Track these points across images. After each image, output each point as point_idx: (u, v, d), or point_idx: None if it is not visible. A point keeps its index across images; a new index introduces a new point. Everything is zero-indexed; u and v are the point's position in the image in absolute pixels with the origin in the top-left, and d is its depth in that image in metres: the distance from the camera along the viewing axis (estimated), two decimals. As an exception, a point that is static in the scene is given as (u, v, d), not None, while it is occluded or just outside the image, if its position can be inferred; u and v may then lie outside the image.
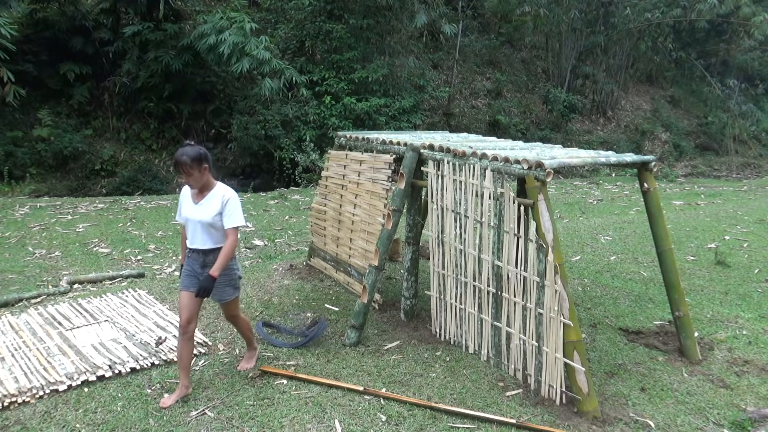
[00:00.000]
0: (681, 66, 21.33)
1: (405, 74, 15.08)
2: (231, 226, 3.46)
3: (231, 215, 3.46)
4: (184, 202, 3.56)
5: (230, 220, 3.46)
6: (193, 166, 3.33)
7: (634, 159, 4.23)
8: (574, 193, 12.96)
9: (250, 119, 12.71)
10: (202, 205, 3.47)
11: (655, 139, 19.53)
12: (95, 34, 12.62)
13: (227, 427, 3.27)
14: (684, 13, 17.57)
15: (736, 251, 7.64)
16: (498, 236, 3.95)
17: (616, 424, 3.44)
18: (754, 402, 3.77)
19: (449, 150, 4.31)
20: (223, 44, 11.33)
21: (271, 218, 9.20)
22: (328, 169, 5.95)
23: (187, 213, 3.51)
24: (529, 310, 3.78)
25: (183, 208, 3.56)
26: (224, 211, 3.46)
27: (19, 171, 11.28)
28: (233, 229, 3.47)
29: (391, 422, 3.36)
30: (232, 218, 3.46)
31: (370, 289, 4.50)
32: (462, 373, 4.00)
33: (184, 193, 3.57)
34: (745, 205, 11.54)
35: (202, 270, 3.51)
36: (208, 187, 3.50)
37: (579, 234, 8.43)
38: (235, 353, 4.17)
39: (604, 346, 4.53)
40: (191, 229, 3.50)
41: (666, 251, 4.37)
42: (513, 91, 18.65)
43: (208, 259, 3.51)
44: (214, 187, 3.52)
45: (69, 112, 12.57)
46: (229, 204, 3.46)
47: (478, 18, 19.35)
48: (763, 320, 5.19)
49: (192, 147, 3.37)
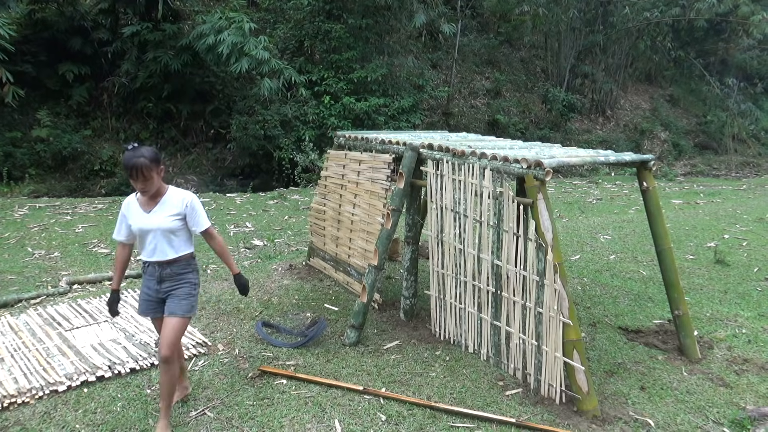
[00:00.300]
0: (680, 65, 21.34)
1: (404, 74, 15.08)
2: (204, 228, 3.21)
3: (200, 217, 3.19)
4: (131, 213, 3.16)
5: (201, 223, 3.20)
6: (153, 168, 2.99)
7: (633, 158, 4.23)
8: (574, 192, 12.96)
9: (249, 119, 12.71)
10: (156, 213, 3.12)
11: (654, 138, 19.54)
12: (94, 35, 12.61)
13: (227, 427, 3.27)
14: (683, 12, 17.58)
15: (735, 250, 7.64)
16: (497, 235, 3.95)
17: (616, 422, 3.44)
18: (754, 400, 3.77)
19: (448, 149, 4.31)
20: (222, 44, 11.32)
21: (271, 218, 9.20)
22: (328, 168, 5.95)
23: (139, 224, 3.12)
24: (528, 310, 3.78)
25: (132, 220, 3.14)
26: (190, 214, 3.17)
27: (18, 172, 11.27)
28: (210, 228, 3.24)
29: (391, 422, 3.36)
30: (201, 221, 3.20)
31: (369, 288, 4.50)
32: (462, 373, 4.00)
33: (129, 205, 3.18)
34: (744, 204, 11.55)
35: (159, 286, 3.18)
36: (160, 192, 3.15)
37: (578, 233, 8.43)
38: (235, 353, 4.17)
39: (603, 345, 4.53)
40: (146, 242, 3.14)
41: (665, 250, 4.37)
42: (512, 91, 18.65)
43: (165, 272, 3.17)
44: (167, 191, 3.18)
45: (68, 112, 12.56)
46: (194, 206, 3.17)
47: (476, 17, 19.35)
48: (762, 319, 5.20)
49: (146, 147, 3.03)
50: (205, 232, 3.22)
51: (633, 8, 17.61)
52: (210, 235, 3.24)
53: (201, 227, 3.20)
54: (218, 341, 4.37)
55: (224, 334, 4.50)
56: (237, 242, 7.50)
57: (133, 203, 3.18)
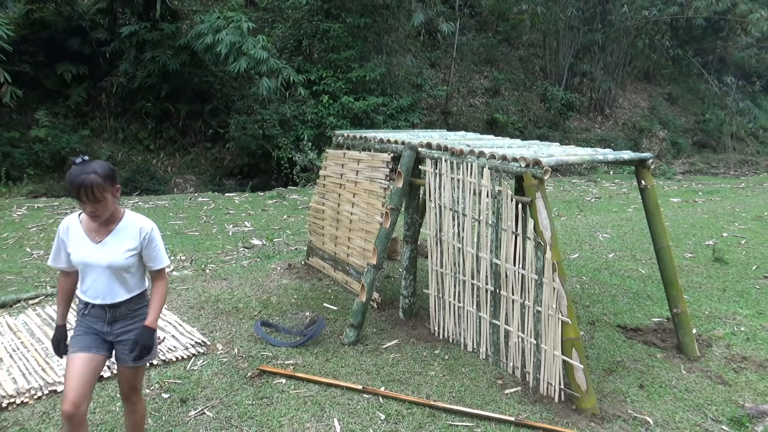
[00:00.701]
0: (678, 63, 21.36)
1: (402, 73, 15.08)
2: (161, 266, 2.66)
3: (159, 253, 2.64)
4: (72, 240, 2.55)
5: (159, 259, 2.64)
6: (106, 187, 2.40)
7: (632, 156, 4.24)
8: (572, 190, 12.97)
9: (247, 119, 12.70)
10: (108, 244, 2.53)
11: (652, 137, 19.55)
12: (92, 35, 12.60)
13: (226, 426, 3.27)
14: (681, 10, 17.59)
15: (733, 248, 7.65)
16: (496, 234, 3.96)
17: (615, 421, 3.45)
18: (752, 398, 3.77)
19: (447, 148, 4.31)
20: (220, 44, 11.32)
21: (270, 218, 9.20)
22: (326, 168, 5.95)
23: (84, 256, 2.52)
24: (527, 308, 3.78)
25: (73, 249, 2.54)
26: (147, 248, 2.59)
27: (17, 172, 11.25)
28: (163, 269, 2.68)
29: (390, 421, 3.37)
30: (160, 257, 2.65)
31: (368, 287, 4.50)
32: (461, 372, 4.00)
33: (69, 229, 2.57)
34: (743, 202, 11.57)
35: (109, 328, 2.61)
36: (115, 217, 2.55)
37: (577, 232, 8.44)
38: (234, 352, 4.17)
39: (602, 344, 4.54)
40: (91, 278, 2.55)
41: (664, 248, 4.37)
42: (511, 90, 18.65)
43: (118, 313, 2.61)
44: (123, 216, 2.58)
45: (66, 112, 12.55)
46: (153, 238, 2.60)
47: (475, 16, 19.35)
48: (760, 317, 5.21)
49: (98, 162, 2.45)
50: (157, 270, 2.67)
51: (631, 7, 17.63)
52: (159, 277, 2.67)
53: (159, 264, 2.65)
54: (217, 341, 4.36)
55: (223, 333, 4.50)
56: (236, 242, 7.50)
57: (75, 227, 2.57)
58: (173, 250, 7.05)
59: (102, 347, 2.62)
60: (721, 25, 19.53)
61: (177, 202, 10.21)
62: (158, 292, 2.65)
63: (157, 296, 2.64)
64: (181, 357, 4.05)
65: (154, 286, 2.67)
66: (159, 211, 9.38)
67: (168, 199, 10.61)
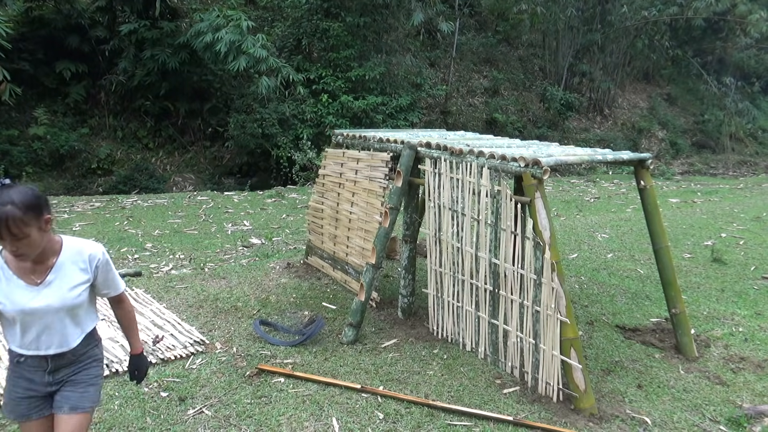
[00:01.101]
0: (677, 64, 21.37)
1: (402, 72, 15.07)
2: (121, 290, 2.36)
3: (115, 276, 2.32)
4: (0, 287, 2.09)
5: (117, 283, 2.33)
6: (28, 220, 1.95)
7: (631, 157, 4.24)
8: (571, 190, 12.98)
9: (247, 117, 12.69)
10: (52, 284, 2.11)
11: (651, 137, 19.57)
12: (91, 33, 12.57)
13: (224, 425, 3.27)
14: (680, 10, 17.60)
15: (732, 248, 7.66)
16: (495, 234, 3.96)
17: (613, 421, 3.45)
18: (750, 398, 3.78)
19: (446, 148, 4.31)
20: (219, 42, 11.30)
21: (269, 216, 9.19)
22: (326, 167, 5.95)
23: (23, 304, 2.08)
24: (526, 308, 3.78)
25: (3, 298, 2.08)
26: (102, 276, 2.24)
27: (16, 170, 11.23)
28: (123, 292, 2.38)
29: (389, 420, 3.37)
30: (117, 281, 2.34)
31: (367, 287, 4.50)
32: (459, 371, 4.00)
33: None
34: (742, 203, 11.58)
35: (51, 377, 2.20)
36: (53, 251, 2.13)
37: (576, 232, 8.44)
38: (233, 351, 4.17)
39: (600, 344, 4.54)
40: (35, 330, 2.12)
41: (663, 249, 4.38)
42: (510, 89, 18.65)
43: (63, 360, 2.21)
44: (62, 247, 2.16)
45: (65, 110, 12.53)
46: (108, 264, 2.26)
47: (475, 16, 19.34)
48: (759, 317, 5.22)
49: (18, 189, 1.97)
50: (117, 296, 2.36)
51: (631, 7, 17.63)
52: (121, 300, 2.39)
53: (119, 289, 2.34)
54: (216, 339, 4.36)
55: (222, 332, 4.50)
56: (235, 241, 7.50)
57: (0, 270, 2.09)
58: (172, 249, 7.04)
59: (46, 406, 2.22)
60: (720, 25, 19.54)
61: (176, 201, 10.21)
62: (128, 316, 2.41)
63: (131, 321, 2.42)
64: (179, 356, 4.05)
65: (121, 311, 2.40)
66: (158, 210, 9.37)
67: (167, 197, 10.60)
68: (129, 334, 2.45)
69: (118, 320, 2.43)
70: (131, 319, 2.43)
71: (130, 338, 2.45)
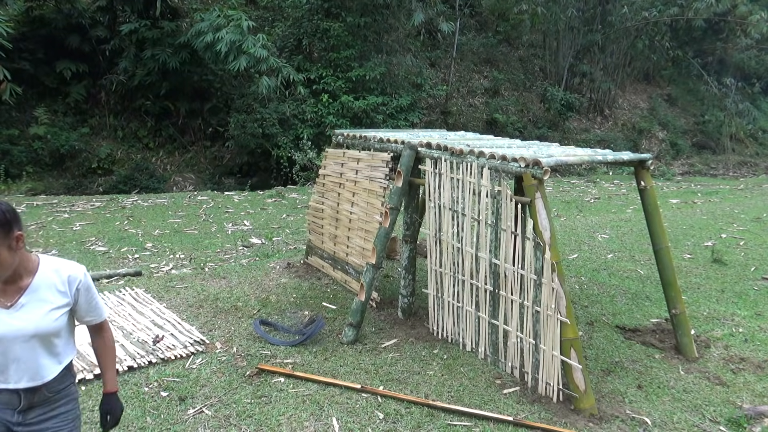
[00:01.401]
0: (678, 64, 21.36)
1: (402, 72, 15.06)
2: (103, 318, 2.18)
3: (98, 302, 2.15)
4: None
5: (99, 309, 2.16)
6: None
7: (631, 157, 4.24)
8: (572, 191, 12.98)
9: (247, 117, 12.68)
10: (25, 307, 1.92)
11: (652, 138, 19.56)
12: (92, 32, 12.58)
13: (224, 425, 3.27)
14: (681, 11, 17.59)
15: (732, 249, 7.66)
16: (495, 234, 3.96)
17: (613, 421, 3.45)
18: (750, 399, 3.78)
19: (447, 148, 4.31)
20: (220, 42, 11.30)
21: (269, 216, 9.19)
22: (326, 167, 5.95)
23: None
24: (526, 308, 3.79)
25: None
26: (83, 300, 2.06)
27: (16, 169, 11.24)
28: (105, 320, 2.20)
29: (389, 420, 3.37)
30: (99, 306, 2.16)
31: (367, 287, 4.50)
32: (459, 371, 4.00)
33: None
34: (742, 204, 11.58)
35: (21, 417, 1.98)
36: (27, 270, 1.94)
37: (576, 232, 8.44)
38: (233, 351, 4.17)
39: (600, 344, 4.54)
40: (5, 359, 1.92)
41: (663, 249, 4.38)
42: (510, 90, 18.65)
43: (37, 397, 1.99)
44: (38, 267, 1.97)
45: (65, 110, 12.53)
46: (89, 287, 2.08)
47: (475, 16, 19.34)
48: (758, 318, 5.22)
49: None
50: (98, 324, 2.18)
51: (631, 8, 17.63)
52: (102, 329, 2.20)
53: (101, 316, 2.16)
54: (216, 339, 4.37)
55: (222, 332, 4.50)
56: (235, 240, 7.50)
57: None
58: (172, 249, 7.05)
59: None
60: (720, 26, 19.53)
61: (176, 201, 10.21)
62: (108, 348, 2.19)
63: (110, 353, 2.20)
64: (179, 355, 4.05)
65: (100, 341, 2.19)
66: (158, 209, 9.37)
67: (167, 197, 10.60)
68: (105, 368, 2.20)
69: (96, 351, 2.19)
70: (111, 351, 2.20)
71: (106, 373, 2.19)
